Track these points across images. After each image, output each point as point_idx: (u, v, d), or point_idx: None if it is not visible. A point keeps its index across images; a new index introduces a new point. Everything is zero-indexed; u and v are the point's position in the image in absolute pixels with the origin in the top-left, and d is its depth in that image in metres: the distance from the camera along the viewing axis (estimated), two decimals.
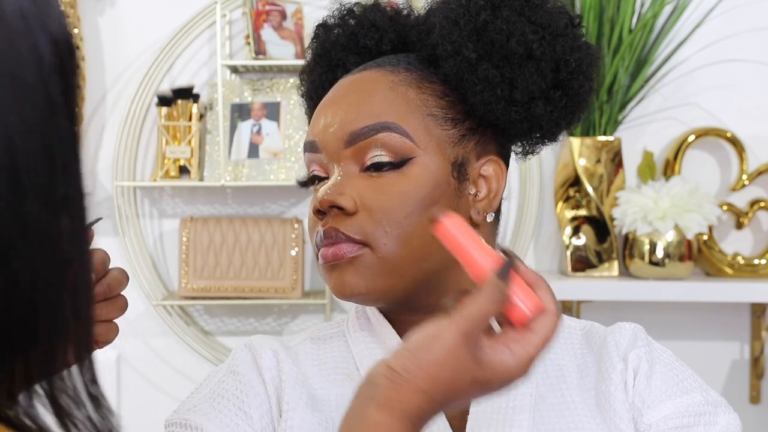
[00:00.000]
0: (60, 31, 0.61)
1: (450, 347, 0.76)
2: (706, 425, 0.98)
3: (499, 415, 0.96)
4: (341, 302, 2.43)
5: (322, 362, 1.03)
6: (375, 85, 1.00)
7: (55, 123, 0.60)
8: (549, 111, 0.99)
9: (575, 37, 0.99)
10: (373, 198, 0.95)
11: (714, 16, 2.38)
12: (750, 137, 2.41)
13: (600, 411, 0.99)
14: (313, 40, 1.10)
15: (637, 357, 1.00)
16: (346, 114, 0.98)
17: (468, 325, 0.76)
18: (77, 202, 0.65)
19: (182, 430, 0.97)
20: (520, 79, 0.97)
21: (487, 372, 0.77)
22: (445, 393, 0.76)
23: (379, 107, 0.98)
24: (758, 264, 2.38)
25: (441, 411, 0.78)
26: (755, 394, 2.46)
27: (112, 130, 2.45)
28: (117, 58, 2.46)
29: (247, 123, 2.39)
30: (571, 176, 2.35)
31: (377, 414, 0.75)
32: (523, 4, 0.98)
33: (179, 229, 2.42)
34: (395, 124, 0.97)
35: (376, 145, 0.96)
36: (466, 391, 0.77)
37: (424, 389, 0.75)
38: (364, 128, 0.97)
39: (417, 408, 0.75)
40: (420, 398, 0.75)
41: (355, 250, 0.95)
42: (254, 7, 2.34)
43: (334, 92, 1.02)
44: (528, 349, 0.78)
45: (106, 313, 0.94)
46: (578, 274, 2.34)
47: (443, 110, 0.99)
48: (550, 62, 0.97)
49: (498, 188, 1.01)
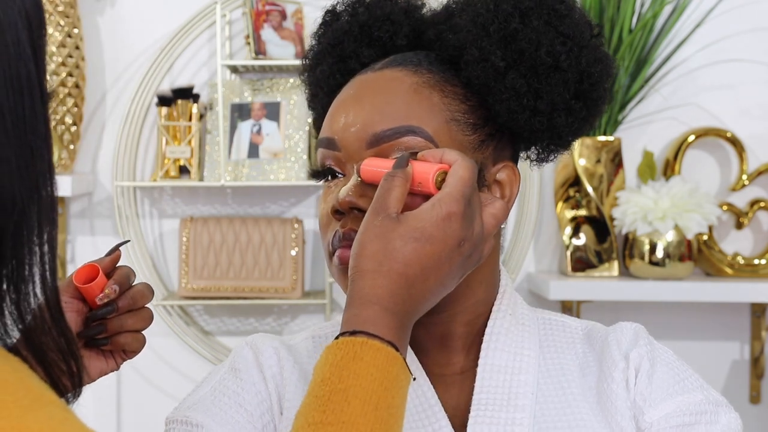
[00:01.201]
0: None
1: (370, 224, 0.85)
2: (707, 424, 0.98)
3: (500, 414, 0.96)
4: (341, 302, 2.43)
5: None
6: (398, 85, 0.98)
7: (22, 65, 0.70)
8: (570, 122, 0.99)
9: (597, 47, 0.99)
10: None
11: (714, 16, 2.38)
12: (750, 137, 2.41)
13: (601, 409, 0.99)
14: (321, 26, 1.08)
15: (638, 356, 1.00)
16: (369, 114, 0.96)
17: (378, 204, 0.86)
18: (43, 128, 0.73)
19: (183, 427, 0.96)
20: (546, 90, 0.96)
21: (411, 221, 0.85)
22: (389, 261, 0.83)
23: (404, 110, 0.96)
24: (758, 264, 2.38)
25: (417, 293, 0.84)
26: (755, 394, 2.46)
27: (112, 130, 2.45)
28: (117, 58, 2.46)
29: (247, 123, 2.39)
30: (571, 176, 2.35)
31: (346, 315, 0.83)
32: (550, 13, 0.97)
33: (179, 229, 2.42)
34: (420, 128, 0.95)
35: (400, 148, 0.95)
36: (406, 252, 0.83)
37: (370, 268, 0.83)
38: (388, 131, 0.95)
39: (380, 290, 0.82)
40: (375, 280, 0.83)
41: None
42: (254, 7, 2.34)
43: (355, 89, 1.00)
44: (445, 190, 0.87)
45: (131, 323, 1.00)
46: (578, 274, 2.33)
47: (465, 115, 0.98)
48: (575, 74, 0.97)
49: (511, 194, 1.00)
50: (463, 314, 1.00)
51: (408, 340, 0.85)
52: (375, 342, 0.80)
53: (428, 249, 0.85)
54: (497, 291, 1.03)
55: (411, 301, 0.84)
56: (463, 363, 1.01)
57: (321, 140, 1.00)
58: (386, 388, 0.77)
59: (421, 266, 0.84)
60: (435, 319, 0.99)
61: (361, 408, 0.76)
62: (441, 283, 0.86)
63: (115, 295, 0.99)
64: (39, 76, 0.71)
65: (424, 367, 0.99)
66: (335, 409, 0.76)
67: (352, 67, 1.03)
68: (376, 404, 0.76)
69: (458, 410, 0.98)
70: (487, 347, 0.99)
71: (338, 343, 0.80)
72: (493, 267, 1.02)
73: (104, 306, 0.99)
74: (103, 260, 1.01)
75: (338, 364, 0.78)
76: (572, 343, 1.04)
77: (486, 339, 1.00)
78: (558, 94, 0.96)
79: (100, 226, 2.47)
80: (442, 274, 0.86)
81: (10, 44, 0.69)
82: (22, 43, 0.70)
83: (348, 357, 0.78)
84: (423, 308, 0.86)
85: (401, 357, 0.80)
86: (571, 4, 0.99)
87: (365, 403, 0.76)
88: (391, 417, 0.77)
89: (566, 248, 2.35)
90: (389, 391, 0.77)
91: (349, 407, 0.76)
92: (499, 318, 1.01)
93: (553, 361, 1.02)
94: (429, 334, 1.00)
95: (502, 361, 0.99)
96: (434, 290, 0.86)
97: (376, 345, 0.79)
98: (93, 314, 1.00)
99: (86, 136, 2.45)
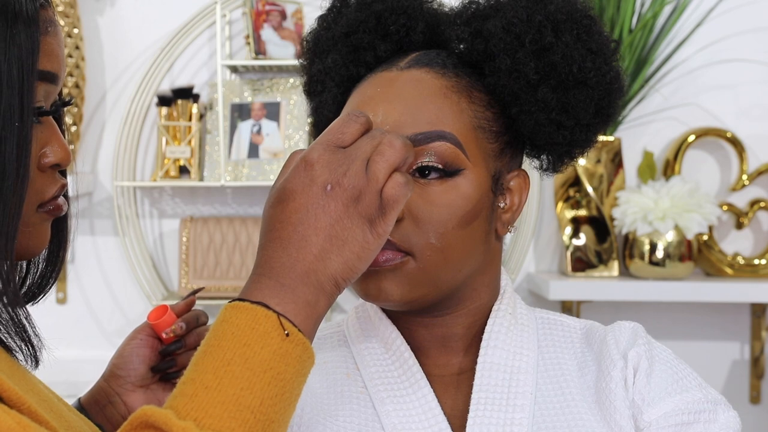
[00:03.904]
0: None
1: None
2: (705, 423, 0.98)
3: (499, 414, 0.96)
4: (341, 302, 2.43)
5: (322, 362, 1.03)
6: (428, 88, 0.97)
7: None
8: (589, 137, 1.00)
9: (617, 63, 1.00)
10: (422, 207, 0.93)
11: (714, 16, 2.38)
12: (750, 137, 2.41)
13: (600, 408, 0.99)
14: (331, 11, 1.05)
15: (637, 355, 1.00)
16: (402, 116, 0.95)
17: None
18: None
19: None
20: (573, 105, 0.97)
21: (277, 183, 0.84)
22: (264, 232, 0.83)
23: (435, 114, 0.95)
24: (758, 264, 2.38)
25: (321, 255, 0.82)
26: (755, 394, 2.46)
27: (112, 130, 2.45)
28: (117, 58, 2.46)
29: (247, 123, 2.39)
30: (571, 176, 2.35)
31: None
32: (580, 28, 0.97)
33: (179, 229, 2.42)
34: (451, 134, 0.95)
35: (429, 152, 0.94)
36: (272, 216, 0.83)
37: (259, 244, 0.83)
38: (420, 135, 0.94)
39: (259, 260, 0.82)
40: (258, 253, 0.83)
41: (398, 258, 0.93)
42: (254, 7, 2.34)
43: (383, 87, 0.98)
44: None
45: None
46: (578, 274, 2.34)
47: (489, 122, 0.98)
48: (600, 90, 0.98)
49: (521, 201, 1.01)
50: (466, 316, 1.01)
51: (311, 301, 0.81)
52: (241, 304, 0.81)
53: (291, 205, 0.82)
54: (499, 293, 1.04)
55: (293, 261, 0.81)
56: (462, 364, 1.01)
57: None
58: (246, 343, 0.78)
59: (290, 224, 0.81)
60: (438, 321, 1.00)
61: (212, 364, 0.78)
62: (329, 234, 0.81)
63: (182, 331, 1.13)
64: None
65: (423, 368, 1.00)
66: (198, 367, 0.79)
67: (366, 59, 1.02)
68: (230, 360, 0.78)
69: (457, 411, 0.98)
70: (486, 345, 1.00)
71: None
72: (498, 270, 1.03)
73: (173, 342, 1.13)
74: (177, 304, 1.16)
75: (212, 329, 0.81)
76: (571, 342, 1.05)
77: (485, 337, 1.00)
78: (583, 109, 0.97)
79: (100, 226, 2.47)
80: (323, 224, 0.81)
81: None
82: None
83: (218, 321, 0.81)
84: (322, 265, 0.81)
85: (274, 314, 0.80)
86: (596, 18, 1.00)
87: (218, 359, 0.78)
88: (252, 370, 0.78)
89: (566, 248, 2.35)
90: (250, 346, 0.78)
91: (204, 363, 0.79)
92: (498, 317, 1.01)
93: (551, 361, 1.02)
94: (430, 335, 1.01)
95: (501, 360, 0.99)
96: (324, 243, 0.81)
97: (240, 305, 0.81)
98: (164, 350, 1.14)
99: (86, 136, 2.46)
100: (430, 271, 0.94)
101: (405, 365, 0.99)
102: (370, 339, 1.02)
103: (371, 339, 1.02)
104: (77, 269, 2.46)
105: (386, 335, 1.01)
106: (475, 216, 0.96)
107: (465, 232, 0.95)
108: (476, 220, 0.96)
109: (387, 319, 1.02)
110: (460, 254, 0.96)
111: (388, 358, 1.00)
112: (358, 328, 1.04)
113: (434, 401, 0.97)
